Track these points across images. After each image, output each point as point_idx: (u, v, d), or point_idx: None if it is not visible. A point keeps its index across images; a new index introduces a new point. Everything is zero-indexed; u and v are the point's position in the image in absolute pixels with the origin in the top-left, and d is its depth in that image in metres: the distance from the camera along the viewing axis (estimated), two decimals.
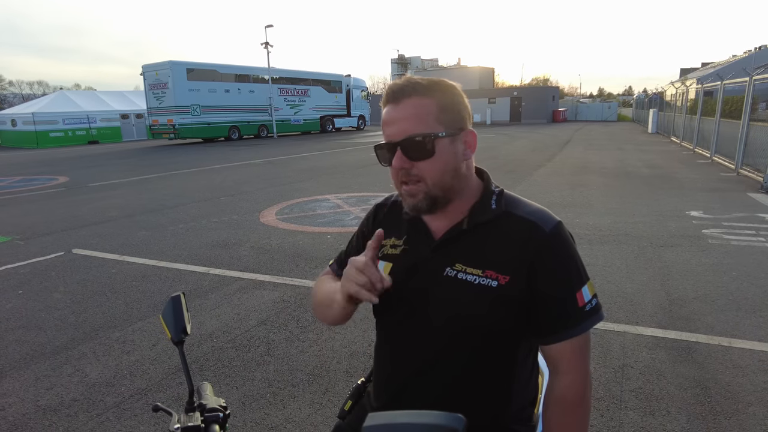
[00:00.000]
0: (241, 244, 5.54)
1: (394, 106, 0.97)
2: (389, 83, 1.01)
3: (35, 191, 9.99)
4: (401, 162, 0.96)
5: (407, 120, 0.95)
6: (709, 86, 13.80)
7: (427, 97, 0.96)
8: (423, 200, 0.97)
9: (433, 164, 0.95)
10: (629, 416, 2.34)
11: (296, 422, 2.37)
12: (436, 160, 0.95)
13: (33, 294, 4.14)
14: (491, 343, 0.99)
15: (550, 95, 42.29)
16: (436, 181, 0.97)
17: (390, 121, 0.97)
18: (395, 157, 0.96)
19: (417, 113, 0.95)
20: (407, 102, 0.95)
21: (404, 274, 1.04)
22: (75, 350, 3.14)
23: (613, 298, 3.76)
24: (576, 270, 0.99)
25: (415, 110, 0.95)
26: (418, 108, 0.95)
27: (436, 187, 0.97)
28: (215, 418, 0.88)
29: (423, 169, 0.96)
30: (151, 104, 23.50)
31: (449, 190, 0.99)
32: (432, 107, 0.96)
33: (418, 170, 0.96)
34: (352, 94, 32.05)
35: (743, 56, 28.71)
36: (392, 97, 0.97)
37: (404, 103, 0.96)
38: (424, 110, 0.95)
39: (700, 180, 9.26)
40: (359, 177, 10.69)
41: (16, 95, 57.80)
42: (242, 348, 3.12)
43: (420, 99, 0.95)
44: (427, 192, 0.97)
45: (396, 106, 0.96)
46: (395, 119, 0.96)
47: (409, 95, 0.96)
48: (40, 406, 2.54)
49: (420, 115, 0.95)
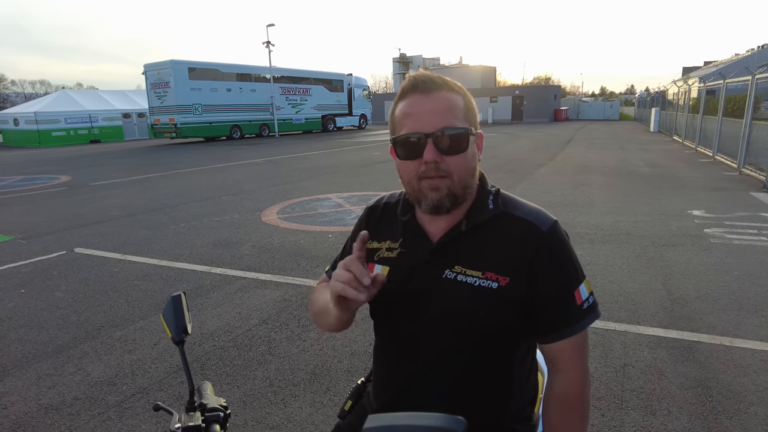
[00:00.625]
0: (242, 243, 5.54)
1: (424, 97, 0.92)
2: (412, 74, 0.96)
3: (37, 190, 10.01)
4: (434, 155, 0.90)
5: (441, 112, 0.91)
6: (712, 85, 13.76)
7: (457, 94, 0.95)
8: (446, 197, 0.94)
9: (462, 160, 0.93)
10: (630, 416, 2.34)
11: (297, 421, 2.37)
12: (465, 157, 0.94)
13: (35, 293, 4.15)
14: (491, 344, 0.99)
15: (552, 94, 42.23)
16: (462, 177, 0.94)
17: (419, 113, 0.92)
18: (427, 149, 0.91)
19: (450, 107, 0.92)
20: (439, 94, 0.92)
21: (402, 278, 1.03)
22: (77, 349, 3.14)
23: (615, 297, 3.75)
24: (573, 268, 0.99)
25: (449, 104, 0.93)
26: (451, 102, 0.93)
27: (460, 185, 0.95)
28: (216, 418, 0.88)
29: (452, 164, 0.92)
30: (152, 103, 23.56)
31: (468, 188, 0.97)
32: (461, 104, 0.94)
33: (447, 165, 0.92)
34: (354, 93, 32.05)
35: (746, 55, 28.62)
36: (422, 87, 0.93)
37: (437, 95, 0.92)
38: (456, 105, 0.93)
39: (702, 179, 9.24)
40: (361, 176, 10.69)
41: (19, 94, 57.99)
42: (243, 347, 3.12)
43: (451, 94, 0.94)
44: (450, 188, 0.93)
45: (427, 96, 0.92)
46: (426, 110, 0.92)
47: (440, 88, 0.93)
48: (42, 404, 2.54)
49: (453, 110, 0.93)
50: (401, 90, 0.96)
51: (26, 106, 28.52)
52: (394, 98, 0.99)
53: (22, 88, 65.09)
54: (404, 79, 0.97)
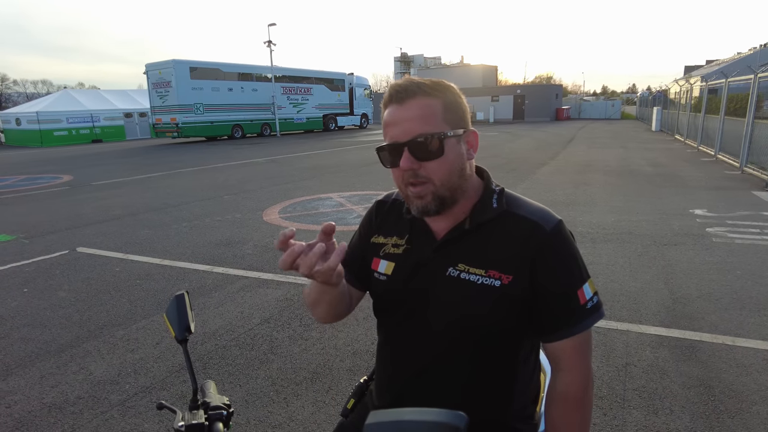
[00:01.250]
0: (244, 242, 5.55)
1: (398, 107, 0.94)
2: (391, 84, 0.99)
3: (39, 190, 10.03)
4: (409, 163, 0.93)
5: (413, 120, 0.93)
6: (714, 84, 13.74)
7: (432, 97, 0.94)
8: (432, 201, 0.95)
9: (442, 164, 0.94)
10: (632, 415, 2.34)
11: (299, 420, 2.37)
12: (444, 160, 0.94)
13: (38, 292, 4.17)
14: (493, 342, 1.00)
15: (554, 93, 42.19)
16: (444, 181, 0.95)
17: (394, 122, 0.94)
18: (403, 158, 0.93)
19: (423, 113, 0.93)
20: (412, 102, 0.93)
21: (406, 274, 1.04)
22: (80, 348, 3.15)
23: (617, 296, 3.75)
24: (577, 268, 0.99)
25: (422, 110, 0.93)
26: (424, 108, 0.93)
27: (444, 188, 0.95)
28: (219, 416, 0.89)
29: (431, 169, 0.94)
30: (154, 103, 23.58)
31: (456, 190, 0.98)
32: (438, 107, 0.94)
33: (426, 171, 0.94)
34: (355, 92, 32.04)
35: (748, 53, 28.54)
36: (396, 98, 0.95)
37: (409, 104, 0.94)
38: (430, 110, 0.93)
39: (704, 178, 9.23)
40: (362, 175, 10.69)
41: (21, 94, 58.13)
42: (246, 346, 3.13)
43: (425, 99, 0.94)
44: (435, 192, 0.95)
45: (400, 106, 0.94)
46: (400, 119, 0.94)
47: (414, 95, 0.94)
48: (45, 403, 2.55)
49: (426, 116, 0.93)
50: (383, 100, 0.98)
51: (28, 106, 28.57)
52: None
53: (24, 88, 65.25)
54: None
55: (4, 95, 57.67)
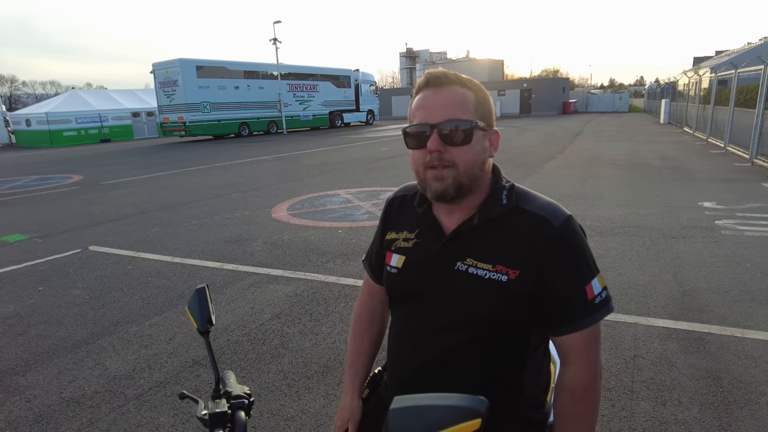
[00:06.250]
0: (253, 239, 5.60)
1: (435, 90, 0.98)
2: (427, 71, 1.02)
3: (51, 190, 10.16)
4: (437, 145, 0.95)
5: (449, 105, 0.96)
6: (723, 75, 13.58)
7: (468, 89, 0.99)
8: (452, 185, 0.97)
9: (468, 152, 0.97)
10: (641, 406, 2.36)
11: (311, 413, 2.42)
12: (470, 149, 0.97)
13: (53, 290, 4.24)
14: (502, 335, 1.01)
15: (560, 86, 41.85)
16: (467, 168, 0.98)
17: (429, 105, 0.97)
18: (431, 139, 0.95)
19: (459, 101, 0.97)
20: (449, 89, 0.97)
21: (416, 267, 1.07)
22: (95, 344, 3.22)
23: (625, 289, 3.75)
24: (586, 263, 0.99)
25: (458, 97, 0.97)
26: (461, 96, 0.97)
27: (466, 175, 0.98)
28: (241, 405, 0.92)
29: (457, 154, 0.96)
30: (161, 102, 23.70)
31: (475, 180, 1.00)
32: (472, 98, 0.98)
33: (452, 155, 0.96)
34: (361, 88, 32.01)
35: (758, 44, 28.15)
36: (434, 82, 0.98)
37: (447, 89, 0.97)
38: (465, 99, 0.97)
39: (714, 170, 9.15)
40: (369, 172, 10.71)
41: (30, 95, 58.60)
42: (257, 341, 3.17)
43: (462, 89, 0.98)
44: (456, 177, 0.97)
45: (438, 90, 0.97)
46: (435, 103, 0.97)
47: (452, 83, 0.98)
48: (63, 397, 2.62)
49: (461, 103, 0.97)
50: (417, 86, 1.02)
51: (38, 107, 28.80)
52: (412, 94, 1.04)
53: (33, 89, 65.82)
54: (420, 75, 1.02)
55: (14, 96, 58.17)
